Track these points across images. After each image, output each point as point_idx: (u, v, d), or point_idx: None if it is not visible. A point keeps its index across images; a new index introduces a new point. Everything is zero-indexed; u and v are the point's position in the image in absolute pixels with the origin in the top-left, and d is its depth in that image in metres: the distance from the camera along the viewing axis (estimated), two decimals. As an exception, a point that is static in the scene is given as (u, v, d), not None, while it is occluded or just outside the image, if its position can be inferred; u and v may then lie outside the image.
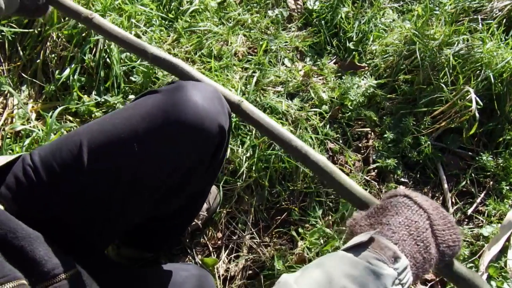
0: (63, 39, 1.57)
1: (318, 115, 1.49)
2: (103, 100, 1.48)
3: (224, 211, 1.34)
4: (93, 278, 0.69)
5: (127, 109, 0.79)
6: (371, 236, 0.60)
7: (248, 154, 1.37)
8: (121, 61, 1.52)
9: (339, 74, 1.61)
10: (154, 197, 0.82)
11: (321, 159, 0.81)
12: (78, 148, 0.75)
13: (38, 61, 1.56)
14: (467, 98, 1.35)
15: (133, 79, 1.52)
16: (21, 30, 1.55)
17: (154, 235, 1.11)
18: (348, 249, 0.60)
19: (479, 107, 1.34)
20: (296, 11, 1.80)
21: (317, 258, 0.60)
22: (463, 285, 0.69)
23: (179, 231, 1.18)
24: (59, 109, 1.40)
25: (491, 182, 1.42)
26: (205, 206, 1.28)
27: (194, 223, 1.26)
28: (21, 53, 1.56)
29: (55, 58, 1.56)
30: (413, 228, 0.62)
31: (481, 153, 1.44)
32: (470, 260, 1.25)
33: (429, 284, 1.24)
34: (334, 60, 1.68)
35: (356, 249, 0.59)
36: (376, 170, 1.44)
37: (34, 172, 0.75)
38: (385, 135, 1.45)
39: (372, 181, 1.41)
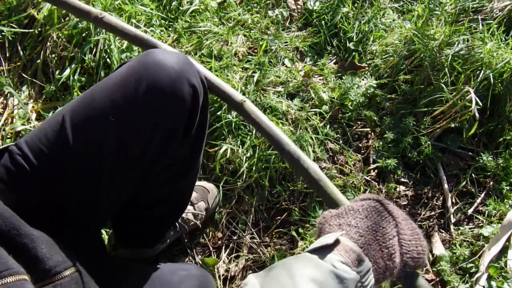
0: (63, 39, 1.57)
1: (318, 115, 1.50)
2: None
3: (224, 211, 1.34)
4: (91, 275, 0.69)
5: (104, 81, 0.81)
6: (337, 238, 0.61)
7: (248, 154, 1.37)
8: (122, 61, 1.52)
9: (339, 74, 1.61)
10: (137, 168, 0.82)
11: (312, 166, 0.81)
12: (61, 126, 0.76)
13: (38, 61, 1.56)
14: (467, 98, 1.35)
15: (133, 79, 1.52)
16: (21, 30, 1.55)
17: (144, 226, 1.10)
18: (315, 250, 0.61)
19: (479, 107, 1.34)
20: (296, 11, 1.81)
21: (284, 259, 0.61)
22: None
23: (169, 221, 1.17)
24: (59, 109, 1.41)
25: (491, 182, 1.42)
26: (203, 205, 1.28)
27: (193, 223, 1.26)
28: (21, 53, 1.56)
29: (55, 58, 1.56)
30: (380, 234, 0.63)
31: (481, 153, 1.44)
32: (470, 260, 1.25)
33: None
34: (334, 60, 1.68)
35: (322, 251, 0.60)
36: (376, 170, 1.44)
37: (24, 160, 0.75)
38: (385, 135, 1.45)
39: (372, 181, 1.41)
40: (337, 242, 0.60)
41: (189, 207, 1.26)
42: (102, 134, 0.76)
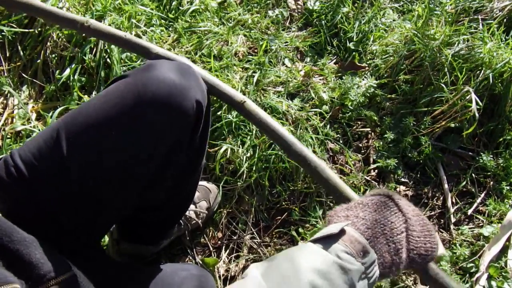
0: (64, 39, 1.57)
1: (318, 115, 1.50)
2: (103, 100, 1.48)
3: (225, 211, 1.34)
4: (90, 278, 0.69)
5: (99, 98, 0.78)
6: (343, 228, 0.60)
7: (248, 154, 1.37)
8: (122, 61, 1.52)
9: (340, 74, 1.61)
10: (139, 183, 0.81)
11: (321, 164, 0.80)
12: (56, 140, 0.74)
13: (39, 61, 1.56)
14: (467, 98, 1.35)
15: (133, 79, 1.52)
16: (21, 30, 1.55)
17: (148, 227, 1.11)
18: (319, 239, 0.60)
19: (479, 107, 1.34)
20: (296, 11, 1.81)
21: (286, 249, 0.61)
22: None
23: (173, 221, 1.17)
24: (59, 109, 1.40)
25: (492, 182, 1.42)
26: (205, 205, 1.28)
27: (194, 221, 1.26)
28: (21, 53, 1.56)
29: (56, 58, 1.56)
30: (387, 228, 0.63)
31: (482, 153, 1.44)
32: (470, 260, 1.25)
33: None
34: (335, 60, 1.68)
35: (327, 241, 0.59)
36: (376, 170, 1.44)
37: (17, 172, 0.74)
38: (386, 135, 1.45)
39: (373, 181, 1.41)
40: (342, 232, 0.60)
41: (191, 206, 1.26)
42: (99, 152, 0.75)
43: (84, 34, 1.52)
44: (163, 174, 0.86)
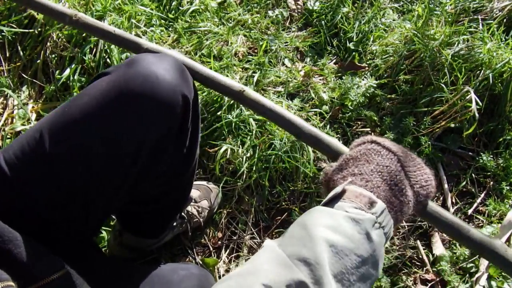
0: (63, 39, 1.57)
1: (318, 115, 1.50)
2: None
3: (225, 211, 1.34)
4: (84, 277, 0.68)
5: (81, 96, 0.76)
6: (344, 187, 0.60)
7: (248, 154, 1.37)
8: (121, 61, 1.52)
9: (339, 74, 1.61)
10: (128, 179, 0.80)
11: (334, 141, 0.79)
12: (39, 140, 0.73)
13: (38, 61, 1.56)
14: (467, 98, 1.35)
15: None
16: (21, 30, 1.55)
17: (147, 220, 1.10)
18: (325, 204, 0.60)
19: (478, 107, 1.34)
20: (296, 11, 1.81)
21: (297, 219, 0.60)
22: (442, 226, 0.69)
23: (171, 214, 1.16)
24: (59, 109, 1.40)
25: (491, 182, 1.42)
26: (206, 203, 1.28)
27: (196, 219, 1.26)
28: (21, 53, 1.56)
29: (55, 58, 1.56)
30: (385, 174, 0.62)
31: (481, 153, 1.44)
32: (470, 260, 1.25)
33: (430, 284, 1.24)
34: (334, 60, 1.68)
35: (332, 203, 0.59)
36: (376, 170, 1.43)
37: (0, 174, 0.73)
38: (386, 135, 1.45)
39: (372, 181, 1.41)
40: (344, 191, 0.59)
41: (193, 203, 1.26)
42: (82, 150, 0.74)
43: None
44: (152, 169, 0.85)
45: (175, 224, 1.22)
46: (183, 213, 1.24)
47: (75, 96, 0.78)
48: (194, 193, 1.28)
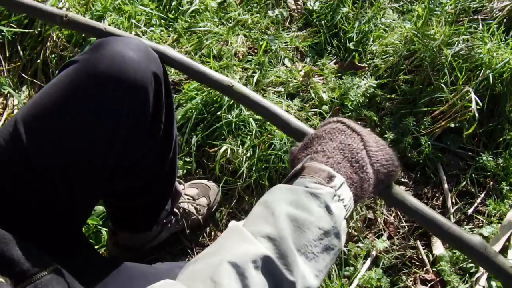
0: (63, 39, 1.57)
1: (318, 115, 1.50)
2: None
3: (225, 211, 1.34)
4: (75, 274, 0.68)
5: (50, 86, 0.77)
6: (304, 164, 0.61)
7: (248, 154, 1.37)
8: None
9: (339, 74, 1.61)
10: (106, 164, 0.79)
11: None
12: (13, 133, 0.73)
13: (38, 61, 1.56)
14: (467, 98, 1.35)
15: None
16: (21, 30, 1.55)
17: (136, 212, 1.10)
18: (286, 181, 0.62)
19: (478, 107, 1.34)
20: (296, 11, 1.81)
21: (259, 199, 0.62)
22: (407, 210, 0.70)
23: (159, 204, 1.15)
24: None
25: (491, 182, 1.42)
26: (205, 201, 1.28)
27: (194, 217, 1.25)
28: (21, 53, 1.56)
29: (55, 58, 1.56)
30: (347, 151, 0.64)
31: (481, 153, 1.44)
32: (470, 260, 1.25)
33: (429, 284, 1.24)
34: (334, 60, 1.68)
35: (293, 180, 0.60)
36: (376, 170, 1.43)
37: None
38: (385, 135, 1.45)
39: (372, 181, 1.41)
40: (304, 168, 0.61)
41: (191, 201, 1.26)
42: (57, 138, 0.74)
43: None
44: (131, 152, 0.84)
45: (169, 220, 1.21)
46: (177, 210, 1.23)
47: (45, 86, 0.78)
48: (192, 191, 1.28)
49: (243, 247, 0.52)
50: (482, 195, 1.40)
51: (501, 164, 1.42)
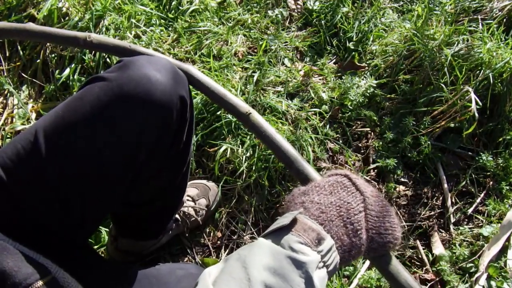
0: (63, 39, 1.57)
1: (318, 115, 1.50)
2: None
3: (224, 211, 1.34)
4: (79, 279, 0.68)
5: (75, 100, 0.75)
6: (296, 216, 0.57)
7: (248, 154, 1.37)
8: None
9: (339, 74, 1.61)
10: (124, 182, 0.79)
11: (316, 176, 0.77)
12: (33, 144, 0.73)
13: (38, 61, 1.56)
14: (466, 98, 1.35)
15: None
16: (21, 30, 1.55)
17: (142, 222, 1.10)
18: (271, 233, 0.57)
19: (478, 107, 1.34)
20: (296, 11, 1.81)
21: (238, 249, 0.58)
22: (394, 284, 0.65)
23: (166, 215, 1.15)
24: (59, 109, 1.40)
25: (491, 182, 1.42)
26: (204, 202, 1.28)
27: (194, 218, 1.26)
28: (21, 53, 1.56)
29: (55, 58, 1.56)
30: (344, 209, 0.60)
31: (481, 153, 1.44)
32: (470, 260, 1.25)
33: (429, 284, 1.24)
34: (334, 60, 1.68)
35: (279, 233, 0.56)
36: (376, 170, 1.44)
37: None
38: (385, 135, 1.45)
39: (372, 181, 1.41)
40: (294, 221, 0.57)
41: (191, 203, 1.26)
42: (78, 155, 0.73)
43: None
44: (148, 171, 0.85)
45: (170, 227, 1.22)
46: (177, 215, 1.23)
47: (68, 100, 0.77)
48: (192, 191, 1.28)
49: None
50: (482, 195, 1.40)
51: (501, 164, 1.42)
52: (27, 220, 0.74)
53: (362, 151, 1.48)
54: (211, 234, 1.32)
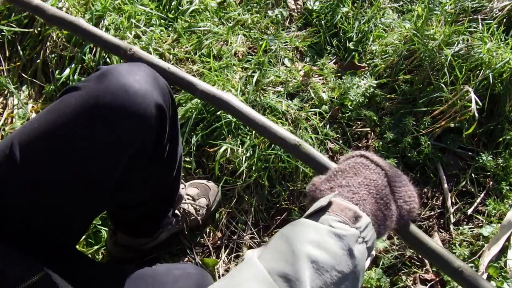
0: (63, 39, 1.57)
1: (318, 115, 1.49)
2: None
3: (224, 211, 1.34)
4: (69, 280, 0.67)
5: (51, 112, 0.75)
6: (331, 199, 0.60)
7: (248, 154, 1.37)
8: (121, 61, 1.52)
9: (339, 74, 1.61)
10: (106, 190, 0.79)
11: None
12: (8, 155, 0.72)
13: (38, 61, 1.56)
14: (466, 98, 1.35)
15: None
16: (21, 30, 1.55)
17: (137, 220, 1.10)
18: (309, 215, 0.60)
19: (478, 107, 1.34)
20: (296, 11, 1.81)
21: (280, 230, 0.60)
22: (418, 247, 0.71)
23: (161, 214, 1.15)
24: (59, 109, 1.40)
25: (491, 182, 1.42)
26: (204, 201, 1.28)
27: (193, 217, 1.26)
28: (21, 53, 1.56)
29: (55, 58, 1.56)
30: (372, 187, 0.63)
31: (481, 153, 1.44)
32: (470, 260, 1.25)
33: (429, 284, 1.24)
34: (334, 60, 1.68)
35: (317, 215, 0.59)
36: (376, 170, 1.43)
37: None
38: (385, 135, 1.45)
39: (372, 181, 1.41)
40: (330, 204, 0.60)
41: (191, 201, 1.26)
42: (54, 170, 0.73)
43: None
44: (130, 181, 0.84)
45: (169, 222, 1.21)
46: (177, 211, 1.23)
47: (44, 110, 0.76)
48: (192, 191, 1.28)
49: (258, 287, 0.50)
50: (482, 195, 1.40)
51: (501, 164, 1.42)
52: (9, 220, 0.74)
53: (362, 151, 1.47)
54: (211, 234, 1.32)
